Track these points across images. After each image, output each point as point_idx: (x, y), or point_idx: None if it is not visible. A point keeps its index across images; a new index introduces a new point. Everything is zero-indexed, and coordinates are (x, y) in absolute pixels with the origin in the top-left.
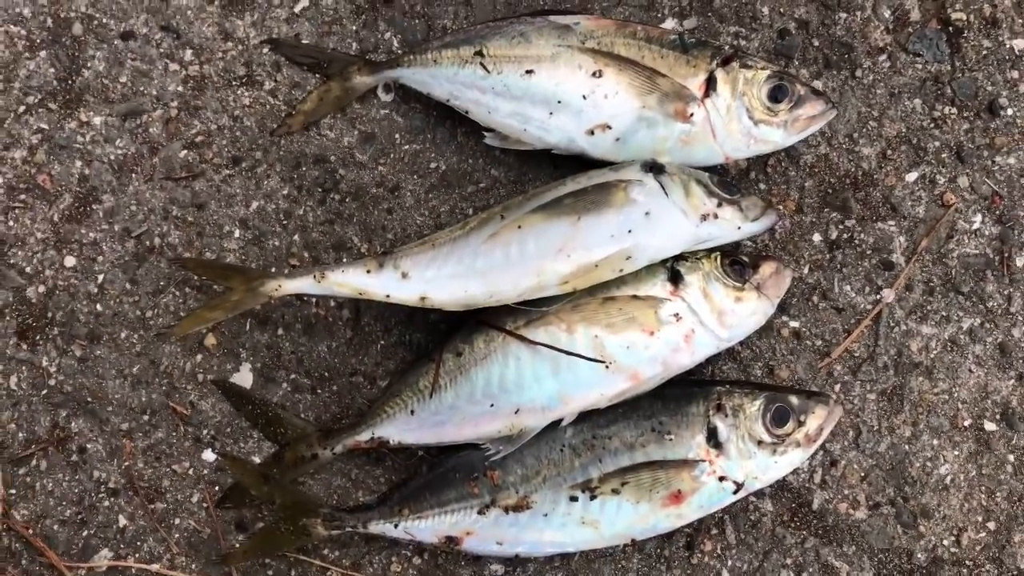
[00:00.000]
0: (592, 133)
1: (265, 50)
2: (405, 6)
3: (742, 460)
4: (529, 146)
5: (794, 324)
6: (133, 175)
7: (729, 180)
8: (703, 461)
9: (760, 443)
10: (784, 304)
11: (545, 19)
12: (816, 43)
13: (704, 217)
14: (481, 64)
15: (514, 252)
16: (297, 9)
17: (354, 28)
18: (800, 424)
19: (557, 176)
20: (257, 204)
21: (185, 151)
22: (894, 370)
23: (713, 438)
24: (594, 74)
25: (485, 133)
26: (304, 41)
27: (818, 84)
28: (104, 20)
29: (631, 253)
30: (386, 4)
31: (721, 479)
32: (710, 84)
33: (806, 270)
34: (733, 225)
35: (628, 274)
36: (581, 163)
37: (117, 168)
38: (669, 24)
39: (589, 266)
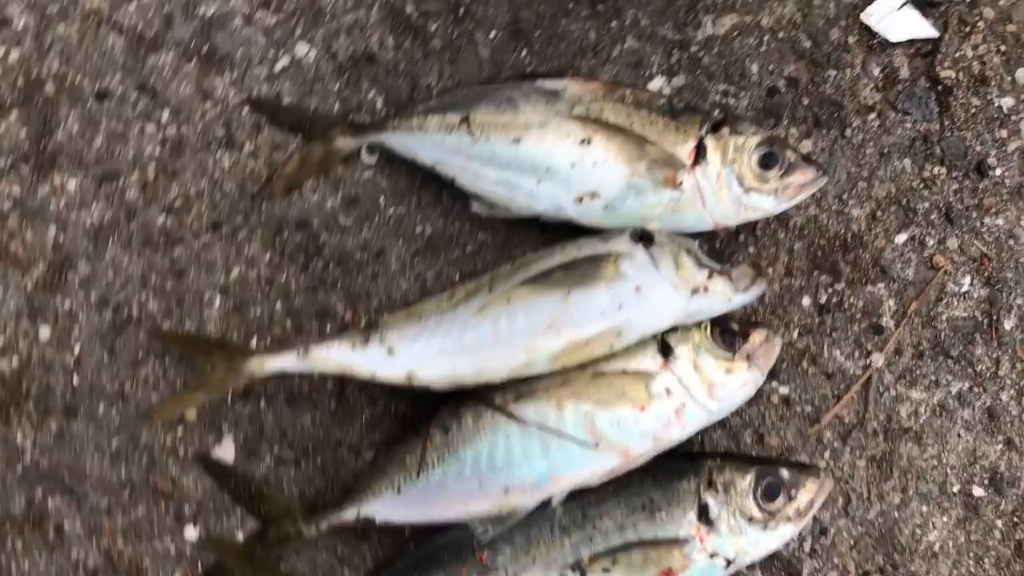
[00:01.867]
0: (580, 200)
1: (245, 110)
2: (388, 64)
3: (733, 536)
4: (517, 215)
5: (784, 390)
6: (110, 241)
7: (718, 247)
8: (694, 538)
9: (751, 519)
10: (774, 370)
11: (532, 84)
12: (806, 101)
13: (695, 291)
14: (468, 131)
15: (503, 327)
16: (277, 68)
17: (336, 87)
18: (791, 499)
19: (545, 240)
20: (238, 270)
21: (163, 216)
22: (883, 436)
23: (704, 515)
24: (582, 142)
25: (472, 201)
26: (286, 100)
27: (808, 143)
28: (78, 79)
29: (621, 330)
30: (369, 62)
31: (712, 555)
32: (700, 151)
33: (796, 335)
34: (724, 297)
35: None
36: (569, 228)
37: (93, 234)
38: (658, 83)
39: (580, 343)
